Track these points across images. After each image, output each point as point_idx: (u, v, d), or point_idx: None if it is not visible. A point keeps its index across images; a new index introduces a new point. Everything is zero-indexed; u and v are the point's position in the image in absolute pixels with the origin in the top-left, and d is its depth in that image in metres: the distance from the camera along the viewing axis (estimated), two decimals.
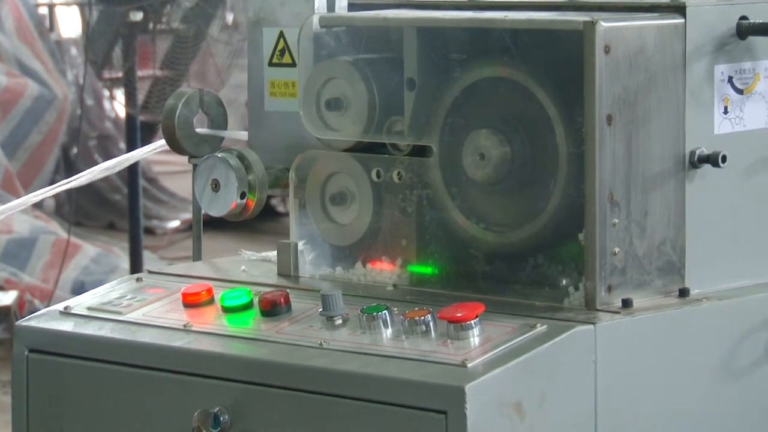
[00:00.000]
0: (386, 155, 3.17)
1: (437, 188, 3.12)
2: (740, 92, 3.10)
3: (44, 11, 14.96)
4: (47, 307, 3.35)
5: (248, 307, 3.11)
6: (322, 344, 2.95)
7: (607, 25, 2.92)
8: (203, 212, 3.36)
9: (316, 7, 3.19)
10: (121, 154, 10.27)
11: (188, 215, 12.41)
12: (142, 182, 10.84)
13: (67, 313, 3.26)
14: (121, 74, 11.33)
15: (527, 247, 3.06)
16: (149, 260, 10.09)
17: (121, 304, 3.24)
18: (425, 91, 3.12)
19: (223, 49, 11.86)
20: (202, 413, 2.95)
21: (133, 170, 10.34)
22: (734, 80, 3.09)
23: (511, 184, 3.07)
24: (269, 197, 3.35)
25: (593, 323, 2.88)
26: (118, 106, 12.99)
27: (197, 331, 3.10)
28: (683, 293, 3.05)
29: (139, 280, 3.36)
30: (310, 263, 3.25)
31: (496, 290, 3.05)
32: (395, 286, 3.17)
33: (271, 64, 3.28)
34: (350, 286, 3.17)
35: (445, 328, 2.87)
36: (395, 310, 2.96)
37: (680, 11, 3.02)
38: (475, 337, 2.84)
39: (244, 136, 3.33)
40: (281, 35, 3.26)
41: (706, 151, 3.04)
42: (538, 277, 3.03)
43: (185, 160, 3.37)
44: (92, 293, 3.33)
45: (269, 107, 3.30)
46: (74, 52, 14.19)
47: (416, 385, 2.79)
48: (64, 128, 12.96)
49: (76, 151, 12.88)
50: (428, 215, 3.14)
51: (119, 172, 11.08)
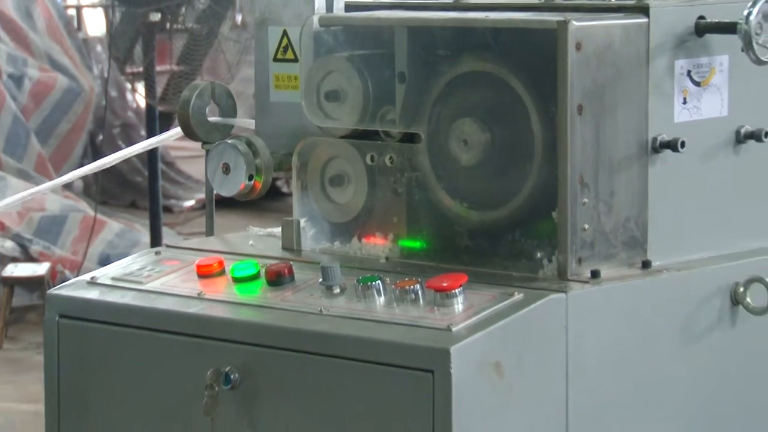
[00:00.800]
0: (379, 141, 3.17)
1: (425, 171, 3.11)
2: (698, 84, 3.10)
3: (72, 12, 14.93)
4: (76, 277, 3.34)
5: (255, 277, 3.10)
6: (321, 311, 2.94)
7: (578, 24, 2.91)
8: (215, 193, 3.36)
9: (316, 8, 3.19)
10: (141, 140, 10.28)
11: (202, 195, 12.39)
12: (160, 165, 10.81)
13: (93, 282, 3.26)
14: (141, 69, 11.31)
15: (506, 223, 3.06)
16: (167, 235, 10.07)
17: (141, 274, 3.24)
18: (414, 83, 3.12)
19: (232, 46, 11.85)
20: (214, 372, 2.95)
21: (152, 155, 10.33)
22: (692, 74, 3.09)
23: (491, 167, 3.06)
24: (274, 179, 3.34)
25: (565, 292, 2.88)
26: (139, 97, 12.96)
27: (210, 299, 3.10)
28: (646, 265, 3.05)
29: (158, 253, 3.35)
30: (311, 238, 3.25)
31: (477, 262, 3.04)
32: (387, 258, 3.16)
33: (275, 59, 3.28)
34: (347, 258, 3.17)
35: (432, 296, 2.88)
36: (387, 280, 2.96)
37: (644, 12, 3.02)
38: (459, 304, 2.84)
39: (251, 124, 3.33)
40: (285, 34, 3.25)
41: (666, 137, 3.04)
42: (515, 250, 3.03)
43: (199, 145, 3.37)
44: (116, 265, 3.33)
45: (274, 98, 3.30)
46: (99, 49, 14.16)
47: (406, 347, 2.79)
48: (90, 117, 12.94)
49: (101, 138, 12.83)
50: (417, 195, 3.14)
51: (140, 156, 11.13)
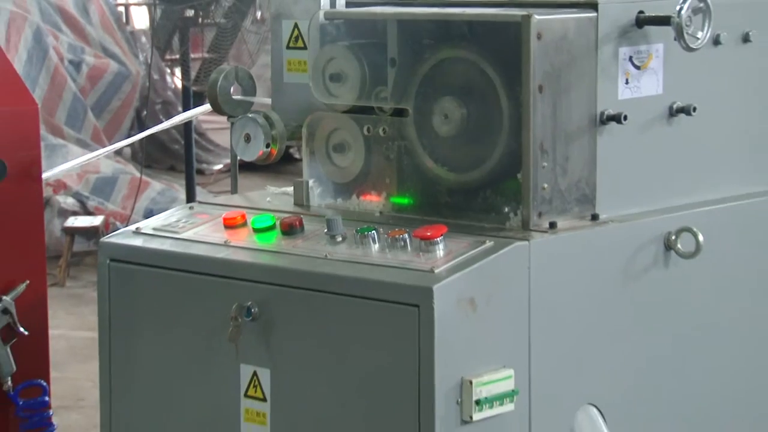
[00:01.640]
0: (374, 116, 3.15)
1: (412, 140, 3.10)
2: (638, 68, 3.09)
3: (121, 9, 14.94)
4: (124, 228, 3.33)
5: (272, 228, 3.09)
6: (326, 256, 2.94)
7: (539, 17, 2.90)
8: (239, 158, 3.34)
9: (321, 4, 3.18)
10: (178, 115, 10.28)
11: (228, 160, 12.40)
12: (194, 136, 10.84)
13: (138, 232, 3.25)
14: (178, 56, 11.33)
15: (479, 183, 3.05)
16: (199, 193, 10.06)
17: (177, 225, 3.23)
18: (403, 67, 3.10)
19: (253, 37, 11.85)
20: (238, 306, 2.94)
21: (187, 126, 10.34)
22: (633, 59, 3.08)
23: (467, 137, 3.05)
24: (287, 147, 3.34)
25: (528, 240, 2.87)
26: (176, 79, 12.99)
27: (234, 246, 3.09)
28: (594, 218, 3.04)
29: (191, 208, 3.35)
30: (317, 196, 3.25)
31: (455, 216, 3.03)
32: (381, 213, 3.15)
33: (288, 47, 3.27)
34: (347, 213, 3.16)
35: (418, 243, 2.87)
36: (381, 230, 2.95)
37: (593, 7, 3.00)
38: (440, 250, 2.84)
39: (268, 101, 3.32)
40: (296, 26, 3.24)
41: (611, 112, 3.03)
42: (486, 206, 3.02)
43: (225, 119, 3.35)
44: (157, 218, 3.32)
45: (287, 80, 3.29)
46: (144, 39, 14.14)
47: (396, 286, 2.79)
48: (136, 96, 12.95)
49: (145, 113, 12.86)
50: (405, 160, 3.13)
51: (177, 127, 11.10)
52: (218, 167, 13.21)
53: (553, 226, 2.95)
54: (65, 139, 11.64)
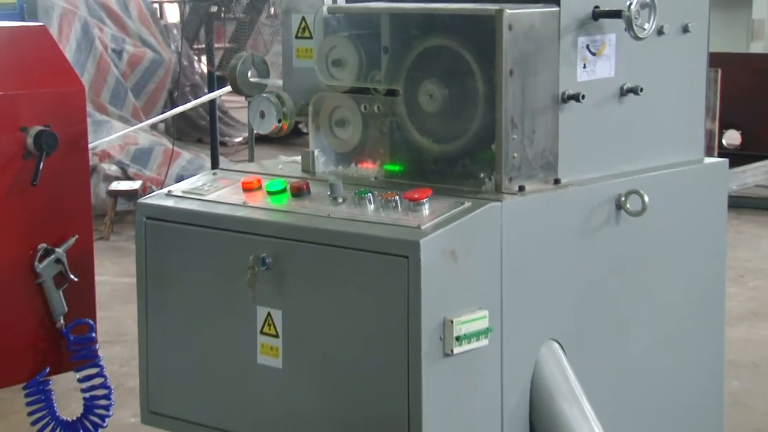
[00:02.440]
0: (370, 95, 3.12)
1: (402, 116, 3.08)
2: (594, 54, 3.06)
3: (156, 5, 14.98)
4: (159, 191, 3.31)
5: (283, 191, 3.07)
6: (329, 215, 2.91)
7: (510, 11, 2.87)
8: (255, 132, 3.32)
9: (325, 0, 3.16)
10: (204, 95, 10.30)
11: (246, 134, 12.45)
12: (217, 113, 10.86)
13: (170, 194, 3.22)
14: (204, 46, 11.36)
15: (458, 153, 3.02)
16: (222, 162, 10.07)
17: (203, 189, 3.20)
18: (394, 54, 3.07)
19: (267, 30, 11.89)
20: (254, 257, 2.92)
21: (212, 105, 10.39)
22: (590, 47, 3.05)
23: (448, 113, 3.02)
24: (296, 122, 3.31)
25: (500, 201, 2.85)
26: (202, 66, 13.08)
27: (251, 206, 3.06)
28: (556, 182, 3.02)
29: (215, 174, 3.33)
30: (322, 164, 3.22)
31: (439, 180, 3.01)
32: (376, 178, 3.13)
33: (296, 37, 3.24)
34: (347, 178, 3.12)
35: (407, 204, 2.84)
36: (376, 193, 2.92)
37: (556, 2, 2.97)
38: (426, 210, 2.81)
39: (279, 83, 3.29)
40: (303, 19, 3.22)
41: (571, 92, 3.00)
42: (465, 172, 3.00)
43: (243, 99, 3.34)
44: (186, 182, 3.30)
45: (296, 65, 3.26)
46: (175, 31, 14.16)
47: (389, 240, 2.76)
48: (169, 79, 12.98)
49: (176, 93, 12.87)
50: (396, 134, 3.10)
51: (203, 105, 11.07)
52: (238, 140, 13.22)
53: (521, 189, 2.93)
54: (109, 116, 11.70)
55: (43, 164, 3.41)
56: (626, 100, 3.14)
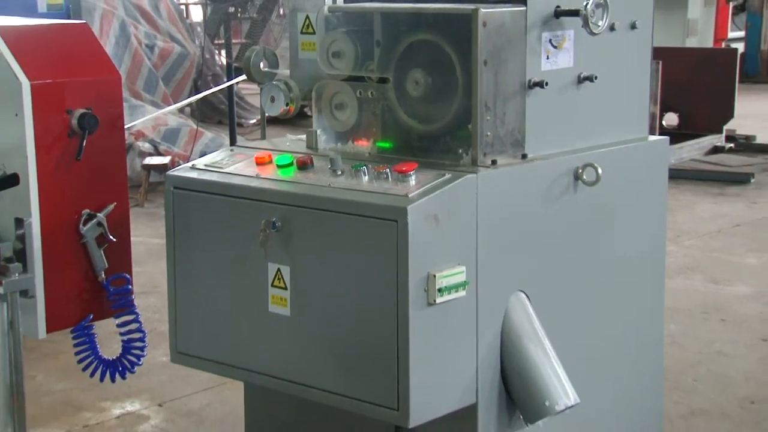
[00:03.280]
0: (364, 83, 3.09)
1: (392, 100, 3.05)
2: (555, 47, 3.04)
3: (183, 6, 15.04)
4: (185, 164, 3.29)
5: (290, 165, 3.05)
6: (330, 185, 2.89)
7: (484, 10, 2.84)
8: (266, 114, 3.29)
9: (326, 1, 3.13)
10: (224, 83, 10.30)
11: (259, 116, 12.46)
12: (235, 98, 10.87)
13: (194, 167, 3.20)
14: (223, 41, 11.39)
15: (440, 132, 3.00)
16: (239, 140, 10.09)
17: (222, 163, 3.18)
18: (386, 47, 3.05)
19: (277, 27, 11.95)
20: (266, 221, 2.90)
21: (230, 91, 10.38)
22: (552, 41, 3.02)
23: (432, 98, 2.99)
24: (302, 106, 3.28)
25: (476, 173, 2.83)
26: (222, 58, 13.13)
27: (263, 177, 3.03)
28: (524, 156, 3.00)
29: (232, 150, 3.29)
30: (323, 141, 3.20)
31: (423, 156, 2.98)
32: (369, 153, 3.10)
33: (301, 33, 3.21)
34: (345, 153, 3.10)
35: (396, 176, 2.82)
36: (370, 166, 2.90)
37: (524, 2, 2.95)
38: (412, 180, 2.79)
39: (287, 72, 3.26)
40: (307, 17, 3.19)
41: (536, 79, 2.98)
42: (446, 148, 2.98)
43: (256, 86, 3.31)
44: (207, 157, 3.28)
45: (301, 57, 3.22)
46: (199, 29, 14.21)
47: (381, 206, 2.74)
48: (194, 70, 13.04)
49: (200, 82, 12.91)
50: (387, 115, 3.08)
51: (223, 92, 11.05)
52: (252, 121, 13.25)
53: (494, 162, 2.91)
54: (143, 101, 11.73)
55: (85, 142, 3.37)
56: (583, 86, 3.12)
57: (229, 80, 10.31)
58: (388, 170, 2.84)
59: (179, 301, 3.20)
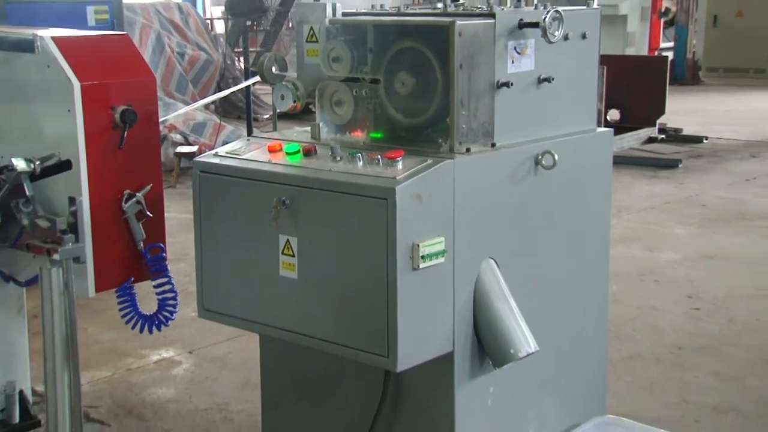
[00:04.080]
0: (359, 83, 3.04)
1: (382, 98, 3.01)
2: (519, 54, 2.99)
3: (208, 21, 14.98)
4: (210, 152, 3.25)
5: (297, 152, 3.00)
6: (330, 169, 2.85)
7: (460, 23, 2.79)
8: (277, 110, 3.24)
9: (327, 15, 3.07)
10: (241, 84, 10.23)
11: (271, 111, 12.41)
12: (251, 97, 10.83)
13: (217, 155, 3.15)
14: (242, 49, 11.33)
15: (423, 125, 2.95)
16: (255, 132, 10.06)
17: (240, 150, 3.14)
18: (377, 53, 3.00)
19: (287, 38, 11.87)
20: (277, 199, 2.86)
21: (247, 91, 10.34)
22: (516, 48, 2.98)
23: (416, 96, 2.94)
24: (307, 103, 3.23)
25: (453, 159, 2.79)
26: (241, 64, 13.13)
27: (274, 163, 2.99)
28: (493, 145, 2.96)
29: (248, 140, 3.24)
30: (325, 133, 3.15)
31: (409, 145, 2.94)
32: (364, 143, 3.06)
33: (307, 42, 3.16)
34: (343, 143, 3.06)
35: (386, 161, 2.78)
36: (364, 153, 2.85)
37: (493, 16, 2.90)
38: (399, 165, 2.76)
39: (294, 75, 3.21)
40: (311, 28, 3.14)
41: (503, 80, 2.93)
42: (428, 138, 2.94)
43: (269, 86, 3.26)
44: (228, 146, 3.23)
45: (306, 61, 3.17)
46: (222, 39, 14.17)
47: (373, 186, 2.70)
48: (217, 73, 13.02)
49: (222, 84, 12.93)
50: (378, 111, 3.04)
51: (241, 91, 10.99)
52: (266, 116, 13.20)
53: (468, 150, 2.86)
54: (175, 99, 11.70)
55: (126, 133, 3.35)
56: (542, 86, 3.08)
57: (246, 82, 10.27)
58: (379, 157, 2.80)
59: (205, 266, 3.17)
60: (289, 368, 3.33)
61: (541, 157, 3.04)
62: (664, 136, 11.83)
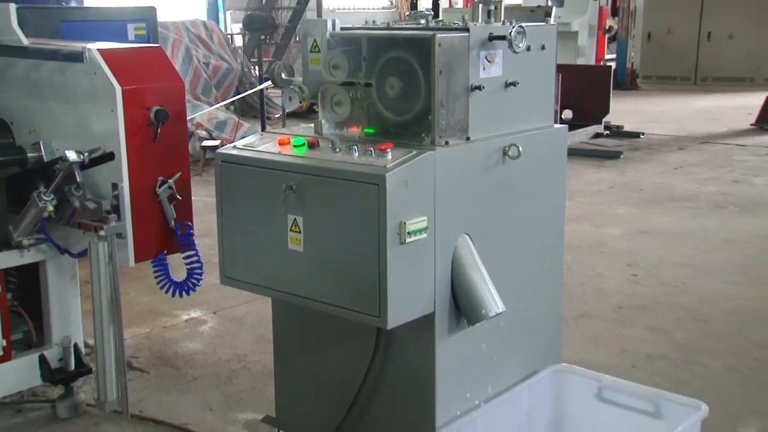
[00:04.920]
0: (355, 86, 2.99)
1: (375, 99, 2.95)
2: (489, 62, 2.94)
3: (229, 36, 14.88)
4: (229, 145, 3.20)
5: (303, 145, 2.96)
6: (331, 159, 2.80)
7: (439, 36, 2.74)
8: (286, 110, 3.20)
9: (328, 29, 3.01)
10: (256, 88, 10.15)
11: (281, 111, 12.34)
12: (265, 99, 10.79)
13: (235, 147, 3.10)
14: (256, 59, 11.29)
15: (409, 122, 2.89)
16: (267, 128, 10.03)
17: (255, 143, 3.09)
18: (370, 61, 2.94)
19: (294, 49, 11.77)
20: (286, 185, 2.81)
21: (261, 94, 10.28)
22: (487, 57, 2.93)
23: (403, 97, 2.89)
24: (312, 104, 3.18)
25: (434, 150, 2.74)
26: (256, 71, 13.06)
27: (284, 154, 2.93)
28: (468, 139, 2.91)
29: (262, 135, 3.19)
30: (326, 128, 3.10)
31: (397, 138, 2.88)
32: (359, 137, 3.00)
33: (310, 51, 3.10)
34: (342, 137, 3.00)
35: (378, 153, 2.73)
36: (359, 146, 2.80)
37: (467, 30, 2.85)
38: (389, 156, 2.70)
39: (300, 80, 3.16)
40: (314, 40, 3.08)
41: (476, 84, 2.88)
42: (413, 133, 2.87)
43: (279, 90, 3.22)
44: (244, 139, 3.17)
45: (310, 68, 3.11)
46: (240, 51, 14.08)
47: (367, 174, 2.65)
48: (236, 80, 12.95)
49: (241, 88, 12.86)
50: (371, 109, 2.98)
51: (256, 93, 10.91)
52: (277, 115, 13.17)
53: (447, 143, 2.82)
54: (200, 101, 11.66)
55: (159, 129, 3.33)
56: (509, 89, 3.03)
57: (260, 86, 10.22)
58: (372, 149, 2.75)
59: (226, 241, 3.12)
60: (296, 326, 3.30)
61: (508, 148, 2.99)
62: (608, 132, 11.84)
